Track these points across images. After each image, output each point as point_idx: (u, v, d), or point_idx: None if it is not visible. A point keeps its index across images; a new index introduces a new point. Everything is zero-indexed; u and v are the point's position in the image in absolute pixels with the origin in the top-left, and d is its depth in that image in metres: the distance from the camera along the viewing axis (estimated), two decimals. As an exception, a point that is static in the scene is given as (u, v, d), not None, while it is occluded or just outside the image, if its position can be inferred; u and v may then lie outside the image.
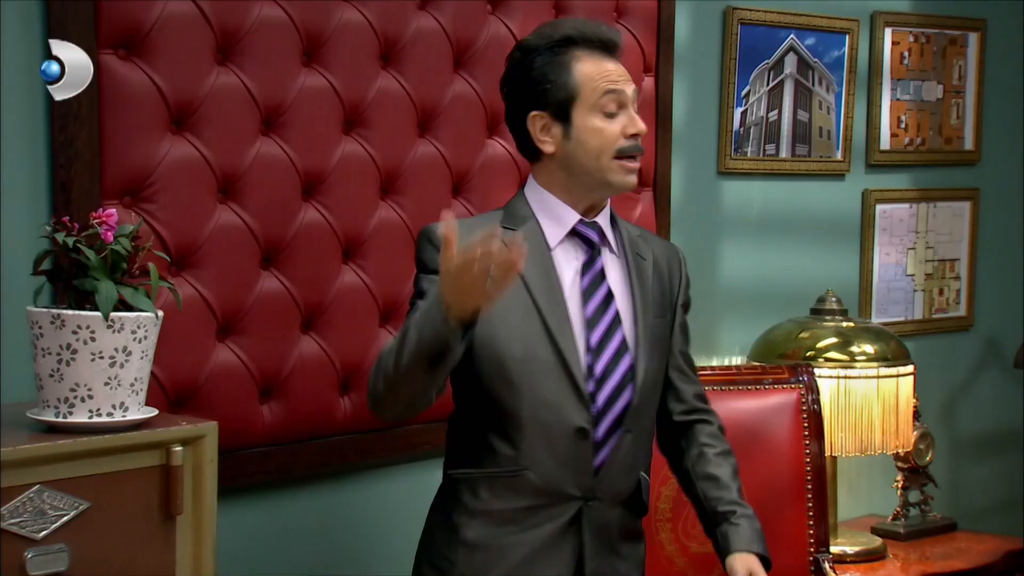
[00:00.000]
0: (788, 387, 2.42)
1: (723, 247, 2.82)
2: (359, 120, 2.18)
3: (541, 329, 1.72)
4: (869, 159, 3.07)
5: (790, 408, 2.40)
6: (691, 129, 2.72)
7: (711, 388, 2.36)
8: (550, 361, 1.72)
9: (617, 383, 1.76)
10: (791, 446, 2.37)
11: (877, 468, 3.03)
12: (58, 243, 1.57)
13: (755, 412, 2.39)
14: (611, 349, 1.76)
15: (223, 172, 2.02)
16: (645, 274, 1.82)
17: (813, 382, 2.44)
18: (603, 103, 1.73)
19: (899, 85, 3.11)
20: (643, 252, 1.84)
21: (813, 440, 2.39)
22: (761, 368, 2.51)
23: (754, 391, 2.42)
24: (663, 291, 1.85)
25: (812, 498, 2.36)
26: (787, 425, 2.38)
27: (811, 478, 2.37)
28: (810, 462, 2.38)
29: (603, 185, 1.76)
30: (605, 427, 1.75)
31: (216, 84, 1.99)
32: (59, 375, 1.55)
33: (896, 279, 3.16)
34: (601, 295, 1.77)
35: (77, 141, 1.85)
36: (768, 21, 2.81)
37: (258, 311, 2.06)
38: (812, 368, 2.48)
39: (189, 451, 1.62)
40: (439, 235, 1.61)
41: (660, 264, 1.86)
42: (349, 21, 2.14)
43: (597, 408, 1.74)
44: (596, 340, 1.75)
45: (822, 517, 2.37)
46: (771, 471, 2.35)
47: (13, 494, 1.48)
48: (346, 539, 2.21)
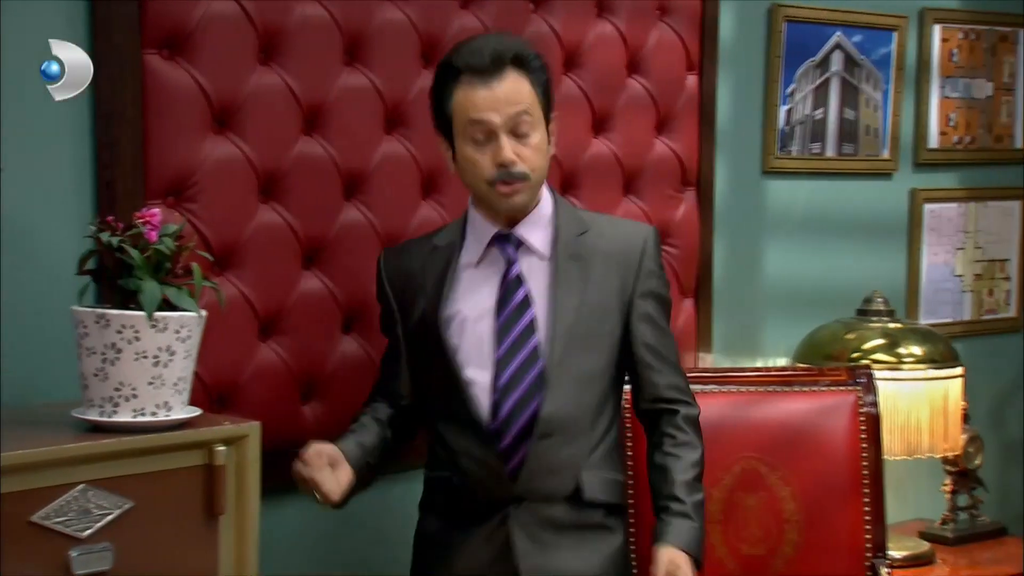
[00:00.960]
0: (846, 389, 2.38)
1: (768, 247, 2.79)
2: (400, 119, 2.18)
3: (437, 351, 1.83)
4: (917, 158, 3.04)
5: (847, 410, 2.36)
6: (735, 128, 2.70)
7: (767, 389, 2.35)
8: (451, 381, 1.82)
9: (523, 393, 1.80)
10: (847, 449, 2.33)
11: (925, 471, 2.98)
12: (102, 243, 1.59)
13: (811, 413, 2.35)
14: (519, 359, 1.81)
15: (265, 172, 2.02)
16: (578, 275, 1.83)
17: (872, 384, 2.40)
18: (470, 132, 1.79)
19: (948, 83, 3.07)
20: (583, 252, 1.84)
21: (870, 443, 2.35)
22: (819, 370, 2.47)
23: (811, 392, 2.39)
24: (614, 285, 1.85)
25: (869, 502, 2.32)
26: (843, 427, 2.34)
27: (868, 481, 2.33)
28: (867, 465, 2.33)
29: (492, 208, 1.83)
30: (512, 435, 1.80)
31: (258, 84, 2.00)
32: (103, 374, 1.56)
33: (944, 280, 3.12)
34: (514, 304, 1.82)
35: (121, 141, 1.86)
36: (814, 18, 2.78)
37: (299, 311, 2.06)
38: (871, 371, 2.43)
39: (232, 451, 1.63)
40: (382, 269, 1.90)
41: (609, 259, 1.85)
42: (391, 20, 2.14)
43: (501, 418, 1.80)
44: (503, 352, 1.81)
45: (879, 521, 2.33)
46: (826, 474, 2.31)
47: (57, 493, 1.49)
48: (388, 538, 2.21)
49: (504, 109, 1.78)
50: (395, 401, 1.93)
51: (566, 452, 1.82)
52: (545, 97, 1.83)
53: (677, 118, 2.55)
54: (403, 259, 1.92)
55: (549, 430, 1.80)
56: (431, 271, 1.87)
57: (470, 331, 1.83)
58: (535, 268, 1.85)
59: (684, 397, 1.90)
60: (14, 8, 1.77)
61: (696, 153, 2.59)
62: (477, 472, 1.82)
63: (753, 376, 2.39)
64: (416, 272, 1.89)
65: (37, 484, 1.47)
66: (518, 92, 1.79)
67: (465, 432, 1.83)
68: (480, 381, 1.82)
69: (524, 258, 1.85)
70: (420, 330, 1.88)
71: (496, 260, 1.86)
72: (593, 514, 1.85)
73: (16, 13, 1.77)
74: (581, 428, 1.84)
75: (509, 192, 1.80)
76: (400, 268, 1.91)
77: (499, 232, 1.85)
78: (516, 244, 1.85)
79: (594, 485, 1.84)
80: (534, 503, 1.81)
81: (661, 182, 2.54)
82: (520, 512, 1.81)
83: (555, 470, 1.82)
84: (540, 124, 1.82)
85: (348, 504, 1.82)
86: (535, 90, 1.81)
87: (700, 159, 2.60)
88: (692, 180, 2.60)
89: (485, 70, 1.78)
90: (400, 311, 1.90)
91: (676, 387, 1.89)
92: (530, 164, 1.80)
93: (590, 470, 1.84)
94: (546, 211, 1.88)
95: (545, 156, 1.84)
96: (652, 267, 1.89)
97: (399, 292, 1.90)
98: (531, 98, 1.80)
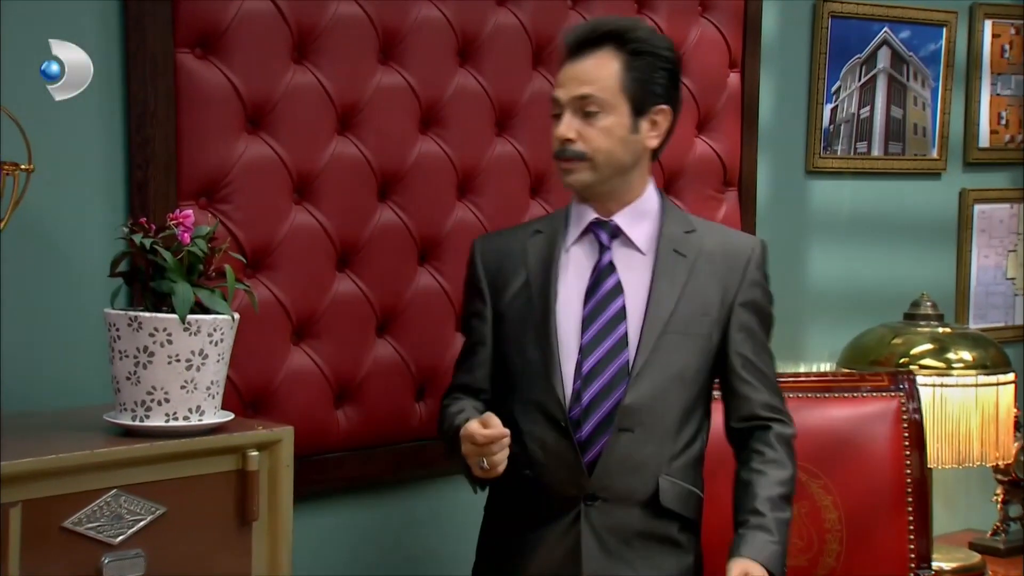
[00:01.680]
0: (888, 395, 2.33)
1: (811, 249, 2.76)
2: (436, 119, 2.15)
3: (532, 331, 1.79)
4: (967, 157, 3.00)
5: (890, 417, 2.31)
6: (778, 127, 2.67)
7: (805, 395, 2.31)
8: (539, 362, 1.78)
9: (607, 381, 1.76)
10: (890, 456, 2.29)
11: (975, 481, 2.94)
12: (135, 244, 1.57)
13: (852, 421, 2.32)
14: (605, 347, 1.77)
15: (299, 172, 2.01)
16: (681, 270, 1.79)
17: (914, 390, 2.35)
18: (551, 108, 1.82)
19: (999, 80, 3.03)
20: (685, 249, 1.81)
21: (914, 450, 2.31)
22: (859, 375, 2.43)
23: (851, 399, 2.34)
24: (716, 289, 1.81)
25: (913, 511, 2.27)
26: (886, 435, 2.30)
27: (912, 490, 2.28)
28: (911, 473, 2.29)
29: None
30: (592, 425, 1.76)
31: (292, 83, 1.98)
32: (136, 378, 1.55)
33: (995, 283, 3.07)
34: (604, 292, 1.79)
35: (154, 141, 1.85)
36: (860, 14, 2.75)
37: (333, 314, 2.04)
38: (914, 375, 2.39)
39: (265, 456, 1.62)
40: (476, 252, 1.88)
41: (714, 261, 1.82)
42: (427, 18, 2.12)
43: (582, 406, 1.75)
44: (588, 338, 1.77)
45: (923, 531, 2.29)
46: (869, 482, 2.28)
47: (90, 498, 1.48)
48: (422, 545, 2.19)
49: (572, 87, 1.78)
50: (476, 396, 1.88)
51: (647, 451, 1.76)
52: (639, 83, 1.78)
53: (718, 117, 2.52)
54: (501, 241, 1.90)
55: (630, 423, 1.75)
56: (534, 251, 1.84)
57: (561, 315, 1.80)
58: (633, 260, 1.81)
59: (779, 416, 1.84)
60: (47, 8, 1.77)
61: (738, 152, 2.56)
62: (551, 463, 1.77)
63: (792, 382, 2.34)
64: (516, 251, 1.85)
65: (69, 489, 1.46)
66: (596, 71, 1.77)
67: (544, 420, 1.77)
68: (565, 367, 1.77)
69: (621, 249, 1.82)
70: (518, 307, 1.83)
71: (591, 246, 1.83)
72: (667, 526, 1.79)
73: (49, 13, 1.77)
74: (665, 428, 1.78)
75: (567, 168, 1.80)
76: (497, 249, 1.88)
77: (597, 219, 1.83)
78: (612, 232, 1.82)
79: (672, 493, 1.78)
80: (608, 504, 1.76)
81: (702, 182, 2.51)
82: (593, 512, 1.75)
83: (633, 468, 1.76)
84: (617, 107, 1.77)
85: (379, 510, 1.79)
86: (626, 73, 1.77)
87: (742, 159, 2.57)
88: (734, 180, 2.56)
89: (572, 47, 1.80)
90: (492, 291, 1.86)
91: (771, 406, 1.83)
92: (592, 145, 1.78)
93: (670, 477, 1.78)
94: (650, 206, 1.85)
95: (616, 140, 1.78)
96: (757, 277, 1.84)
97: (493, 272, 1.87)
98: (611, 79, 1.77)
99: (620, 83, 1.77)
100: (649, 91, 1.79)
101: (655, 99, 1.80)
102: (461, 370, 1.90)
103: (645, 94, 1.79)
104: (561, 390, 1.77)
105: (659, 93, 1.80)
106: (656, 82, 1.80)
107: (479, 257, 1.89)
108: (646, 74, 1.79)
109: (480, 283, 1.88)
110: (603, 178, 1.80)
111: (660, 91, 1.80)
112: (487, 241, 1.91)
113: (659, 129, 1.82)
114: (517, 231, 1.92)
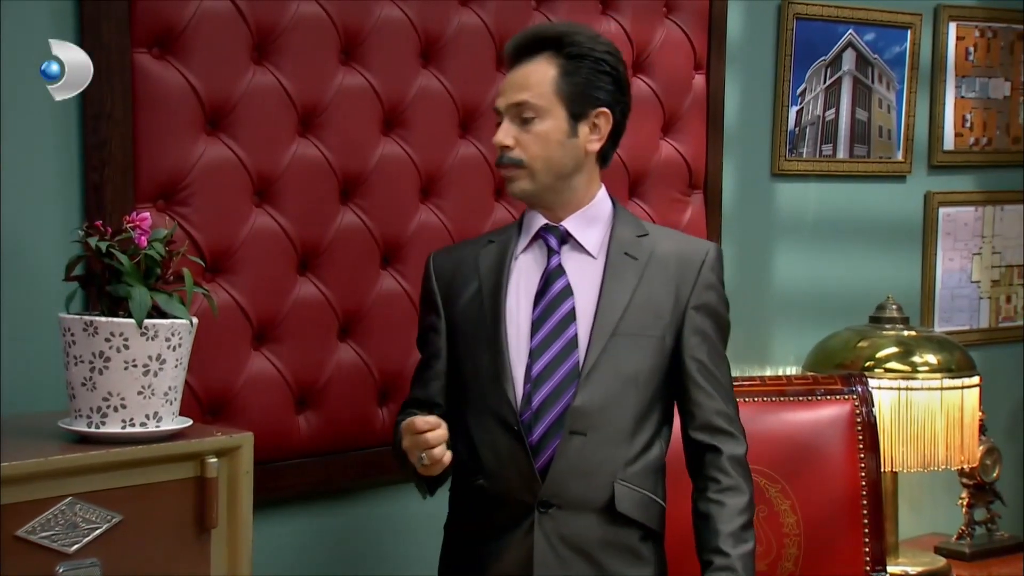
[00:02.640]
0: (841, 398, 2.34)
1: (777, 252, 2.76)
2: (398, 120, 2.14)
3: (484, 337, 1.79)
4: (932, 160, 3.01)
5: (843, 421, 2.32)
6: (744, 129, 2.67)
7: (760, 399, 2.32)
8: (490, 366, 1.77)
9: (557, 383, 1.75)
10: (845, 460, 2.30)
11: (941, 485, 2.95)
12: (91, 248, 1.55)
13: (807, 425, 2.33)
14: (554, 349, 1.76)
15: (259, 174, 1.99)
16: (632, 272, 1.79)
17: (867, 392, 2.36)
18: (495, 117, 1.81)
19: (964, 82, 3.04)
20: (637, 252, 1.80)
21: (868, 454, 2.32)
22: (813, 378, 2.44)
23: (806, 402, 2.35)
24: (668, 292, 1.80)
25: (868, 514, 2.28)
26: (841, 439, 2.31)
27: (866, 492, 2.29)
28: (865, 477, 2.30)
29: None
30: (543, 428, 1.75)
31: (252, 84, 1.97)
32: (91, 384, 1.53)
33: (960, 286, 3.08)
34: (553, 294, 1.78)
35: (110, 143, 1.83)
36: (825, 16, 2.75)
37: (294, 318, 2.03)
38: (866, 377, 2.41)
39: (224, 463, 1.60)
40: (430, 266, 1.88)
41: (667, 264, 1.81)
42: (388, 18, 2.11)
43: (532, 409, 1.74)
44: (538, 340, 1.77)
45: (878, 534, 2.29)
46: (825, 486, 2.28)
47: (44, 507, 1.46)
48: (384, 552, 2.18)
49: (510, 94, 1.78)
50: (430, 410, 1.85)
51: (599, 455, 1.74)
52: (576, 86, 1.76)
53: (684, 119, 2.52)
54: (454, 253, 1.90)
55: (581, 426, 1.73)
56: (486, 260, 1.83)
57: (511, 319, 1.79)
58: (583, 263, 1.80)
59: (731, 429, 1.81)
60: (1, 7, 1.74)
61: (703, 155, 2.56)
62: (504, 470, 1.75)
63: (748, 386, 2.35)
64: (468, 261, 1.86)
65: (22, 497, 1.44)
66: (532, 77, 1.76)
67: (496, 426, 1.76)
68: (515, 371, 1.76)
69: (571, 253, 1.81)
70: (470, 315, 1.82)
71: (540, 252, 1.82)
72: (627, 535, 1.76)
73: (3, 12, 1.74)
74: (619, 432, 1.76)
75: (507, 177, 1.80)
76: (450, 261, 1.88)
77: (546, 224, 1.82)
78: (562, 238, 1.82)
79: (629, 499, 1.75)
80: (563, 511, 1.73)
81: (667, 185, 2.50)
82: (547, 520, 1.73)
83: (586, 473, 1.74)
84: (552, 112, 1.76)
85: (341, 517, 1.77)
86: (562, 78, 1.76)
87: (707, 161, 2.57)
88: (699, 183, 2.56)
89: (512, 55, 1.80)
90: (445, 302, 1.86)
91: (725, 415, 1.80)
92: (529, 151, 1.77)
93: (626, 482, 1.75)
94: (600, 211, 1.83)
95: (553, 145, 1.77)
96: (711, 280, 1.82)
97: (447, 284, 1.86)
98: (547, 85, 1.76)
99: (555, 88, 1.76)
100: (587, 95, 1.77)
101: (595, 103, 1.78)
102: (416, 385, 1.90)
103: (583, 98, 1.77)
104: (512, 393, 1.75)
105: (600, 97, 1.78)
106: (596, 86, 1.77)
107: (432, 271, 1.88)
108: (584, 77, 1.77)
109: (434, 296, 1.87)
110: (544, 184, 1.79)
111: (601, 95, 1.78)
112: (440, 255, 1.91)
113: (600, 133, 1.80)
114: (470, 244, 1.91)
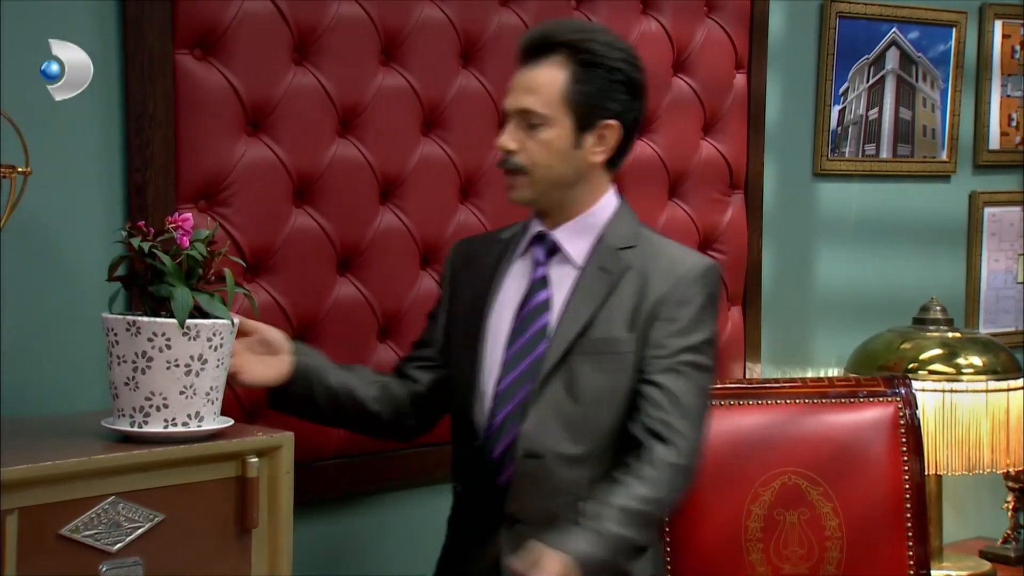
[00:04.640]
0: (884, 400, 2.31)
1: (819, 253, 2.73)
2: (438, 121, 2.14)
3: (467, 343, 1.77)
4: (977, 159, 2.97)
5: (887, 423, 2.29)
6: (785, 129, 2.65)
7: (802, 401, 2.29)
8: (466, 375, 1.75)
9: (519, 402, 1.70)
10: (888, 464, 2.27)
11: (985, 488, 2.90)
12: (133, 248, 1.56)
13: (849, 427, 2.29)
14: (522, 366, 1.72)
15: (299, 175, 1.99)
16: (601, 287, 1.71)
17: (911, 395, 2.33)
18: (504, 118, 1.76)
19: (1010, 81, 3.00)
20: (612, 265, 1.72)
21: (912, 457, 2.28)
22: (855, 380, 2.40)
23: (848, 404, 2.32)
24: (635, 306, 1.71)
25: (912, 517, 2.25)
26: (884, 441, 2.28)
27: (910, 495, 2.26)
28: (909, 480, 2.26)
29: None
30: (502, 447, 1.71)
31: (293, 84, 1.97)
32: (134, 383, 1.53)
33: (1006, 287, 3.04)
34: (531, 308, 1.74)
35: (152, 144, 1.83)
36: (868, 14, 2.72)
37: (334, 318, 2.03)
38: (910, 379, 2.37)
39: (265, 463, 1.60)
40: (450, 255, 1.87)
41: (644, 278, 1.71)
42: (429, 18, 2.10)
43: (495, 426, 1.71)
44: (511, 355, 1.73)
45: (922, 538, 2.26)
46: (868, 489, 2.25)
47: (88, 505, 1.46)
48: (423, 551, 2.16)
49: (517, 97, 1.71)
50: (409, 386, 1.83)
51: (561, 475, 1.67)
52: (586, 96, 1.69)
53: (724, 119, 2.50)
54: (471, 246, 1.88)
55: (534, 449, 1.67)
56: (489, 261, 1.80)
57: (492, 328, 1.75)
58: (566, 276, 1.75)
59: (669, 435, 1.65)
60: (44, 8, 1.76)
61: (744, 155, 2.53)
62: (471, 482, 1.75)
63: (789, 388, 2.32)
64: (476, 258, 1.82)
65: (66, 496, 1.45)
66: (541, 82, 1.69)
67: (466, 436, 1.74)
68: (488, 383, 1.73)
69: (559, 264, 1.76)
70: (462, 316, 1.80)
71: (532, 260, 1.78)
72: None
73: (46, 13, 1.75)
74: (584, 453, 1.67)
75: (508, 183, 1.74)
76: (465, 254, 1.86)
77: (539, 232, 1.78)
78: (550, 248, 1.77)
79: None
80: (530, 527, 1.65)
81: (708, 185, 2.48)
82: (514, 535, 1.67)
83: (550, 493, 1.67)
84: (558, 121, 1.69)
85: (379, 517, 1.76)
86: (572, 86, 1.69)
87: (748, 161, 2.55)
88: (740, 183, 2.54)
89: (525, 53, 1.73)
90: (451, 293, 1.85)
91: (666, 423, 1.65)
92: (532, 158, 1.70)
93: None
94: (596, 220, 1.76)
95: (555, 155, 1.70)
96: (687, 296, 1.70)
97: (456, 276, 1.85)
98: (555, 92, 1.68)
99: (564, 95, 1.68)
100: (597, 106, 1.70)
101: (604, 114, 1.70)
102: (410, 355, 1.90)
103: (592, 108, 1.70)
104: (479, 407, 1.72)
105: (610, 108, 1.70)
106: (608, 96, 1.70)
107: (450, 259, 1.88)
108: (595, 87, 1.69)
109: (445, 284, 1.87)
110: (543, 192, 1.73)
111: (612, 106, 1.70)
112: (462, 245, 1.89)
113: (606, 144, 1.72)
114: (489, 237, 1.88)
